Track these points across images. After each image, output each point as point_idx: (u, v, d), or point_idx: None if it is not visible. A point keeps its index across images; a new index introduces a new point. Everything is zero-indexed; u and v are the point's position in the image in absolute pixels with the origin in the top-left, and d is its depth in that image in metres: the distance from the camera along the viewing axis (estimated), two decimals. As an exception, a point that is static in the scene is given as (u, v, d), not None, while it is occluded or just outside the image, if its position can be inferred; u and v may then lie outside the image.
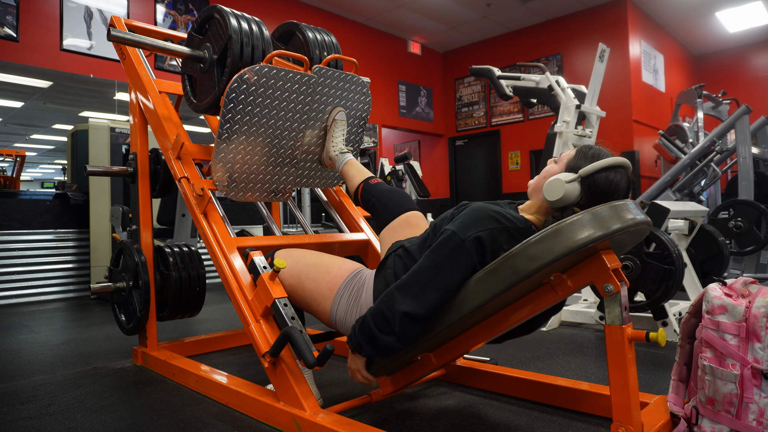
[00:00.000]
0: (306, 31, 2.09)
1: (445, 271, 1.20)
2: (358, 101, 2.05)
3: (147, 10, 5.08)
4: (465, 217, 1.24)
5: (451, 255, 1.21)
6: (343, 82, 1.97)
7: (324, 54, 2.09)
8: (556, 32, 7.24)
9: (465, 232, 1.21)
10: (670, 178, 3.88)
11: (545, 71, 3.31)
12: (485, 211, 1.24)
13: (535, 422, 1.49)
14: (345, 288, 1.47)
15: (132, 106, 2.24)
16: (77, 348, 2.52)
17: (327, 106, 1.96)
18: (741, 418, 1.15)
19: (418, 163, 6.39)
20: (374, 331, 1.25)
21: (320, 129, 1.99)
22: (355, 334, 1.31)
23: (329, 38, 2.14)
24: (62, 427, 1.52)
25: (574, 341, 2.45)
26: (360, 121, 2.09)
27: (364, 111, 2.08)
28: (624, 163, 1.23)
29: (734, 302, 1.21)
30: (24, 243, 4.12)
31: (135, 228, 2.24)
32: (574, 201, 1.22)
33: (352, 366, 1.38)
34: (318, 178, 2.13)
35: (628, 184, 1.23)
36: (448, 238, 1.22)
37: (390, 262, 1.42)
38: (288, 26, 2.16)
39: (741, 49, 8.32)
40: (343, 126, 1.98)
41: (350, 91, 2.01)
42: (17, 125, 9.29)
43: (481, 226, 1.21)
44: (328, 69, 1.91)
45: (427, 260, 1.23)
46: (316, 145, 2.01)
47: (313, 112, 1.93)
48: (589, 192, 1.21)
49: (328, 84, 1.93)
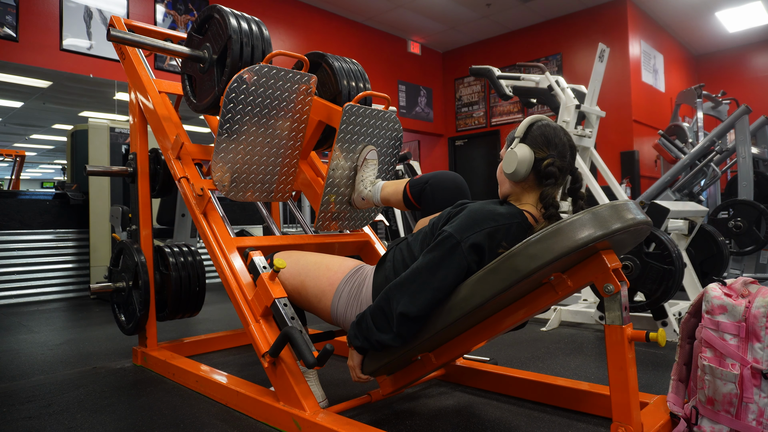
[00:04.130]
0: (332, 61, 2.03)
1: (441, 272, 1.22)
2: (389, 137, 1.96)
3: (147, 10, 5.08)
4: (462, 220, 1.26)
5: (446, 257, 1.23)
6: (375, 119, 1.89)
7: (352, 84, 2.01)
8: (556, 32, 7.24)
9: (462, 234, 1.23)
10: (670, 178, 3.88)
11: (545, 71, 3.31)
12: (481, 212, 1.26)
13: (535, 422, 1.49)
14: (346, 283, 1.48)
15: (132, 106, 2.24)
16: (77, 348, 2.52)
17: (358, 144, 1.86)
18: (741, 418, 1.15)
19: (418, 163, 6.36)
20: (371, 327, 1.28)
21: (350, 169, 1.88)
22: (352, 328, 1.34)
23: (356, 67, 2.07)
24: (62, 427, 1.52)
25: (574, 341, 2.45)
26: (393, 151, 1.99)
27: (396, 141, 1.98)
28: (542, 116, 1.36)
29: (734, 302, 1.21)
30: (24, 243, 4.12)
31: (135, 228, 2.24)
32: (531, 159, 1.28)
33: (350, 363, 1.40)
34: (348, 220, 2.00)
35: (560, 127, 1.34)
36: (445, 239, 1.24)
37: (391, 255, 1.44)
38: (314, 57, 2.07)
39: (741, 49, 8.32)
40: (375, 165, 1.87)
41: (382, 128, 1.92)
42: (17, 125, 9.29)
43: (478, 228, 1.23)
44: (359, 107, 1.82)
45: (424, 260, 1.26)
46: (345, 185, 1.90)
47: (343, 152, 1.84)
48: (536, 143, 1.29)
49: (359, 122, 1.84)
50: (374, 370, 1.39)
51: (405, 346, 1.31)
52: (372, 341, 1.29)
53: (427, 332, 1.28)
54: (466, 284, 1.21)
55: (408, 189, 1.67)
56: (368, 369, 1.39)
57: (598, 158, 3.18)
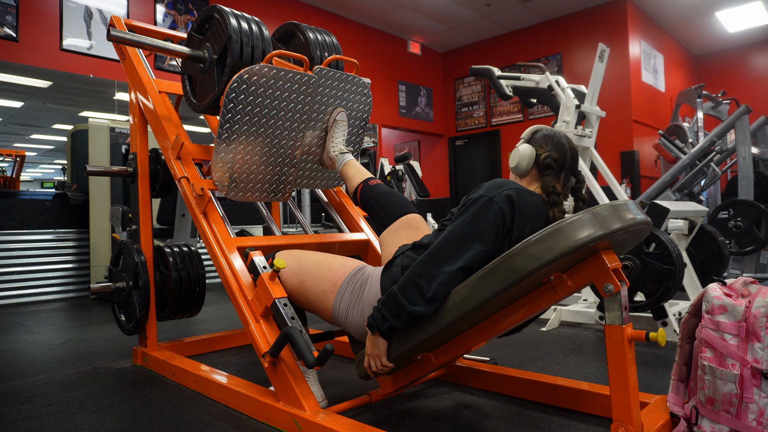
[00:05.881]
0: (306, 31, 2.09)
1: (479, 223, 1.22)
2: (358, 102, 2.05)
3: (147, 10, 5.08)
4: (488, 185, 1.29)
5: (482, 211, 1.22)
6: (344, 83, 1.98)
7: (325, 54, 2.09)
8: (556, 32, 7.24)
9: (493, 192, 1.25)
10: (670, 178, 3.88)
11: (545, 71, 3.31)
12: (503, 180, 1.32)
13: (535, 422, 1.49)
14: (348, 284, 1.47)
15: (132, 106, 2.24)
16: (77, 348, 2.52)
17: (328, 106, 1.96)
18: (741, 418, 1.15)
19: (418, 163, 6.38)
20: (401, 302, 1.23)
21: (321, 129, 1.99)
22: (376, 311, 1.28)
23: (330, 39, 2.13)
24: (62, 427, 1.52)
25: (574, 341, 2.45)
26: (361, 122, 2.09)
27: (365, 112, 2.08)
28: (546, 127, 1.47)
29: (734, 302, 1.21)
30: (24, 243, 4.12)
31: (135, 228, 2.24)
32: (533, 154, 1.39)
33: (373, 352, 1.32)
34: (318, 179, 2.13)
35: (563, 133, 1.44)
36: (475, 200, 1.25)
37: (399, 260, 1.41)
38: (288, 27, 2.16)
39: (741, 49, 8.32)
40: (344, 126, 1.98)
41: (351, 92, 2.01)
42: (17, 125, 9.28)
43: (507, 187, 1.27)
44: (329, 70, 1.91)
45: (456, 223, 1.24)
46: (317, 145, 2.01)
47: (314, 113, 1.92)
48: (539, 142, 1.40)
49: (329, 85, 1.93)
50: (402, 353, 1.32)
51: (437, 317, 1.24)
52: (403, 317, 1.23)
53: (427, 332, 1.28)
54: (466, 284, 1.21)
55: (359, 193, 1.73)
56: (395, 353, 1.32)
57: (598, 158, 3.18)
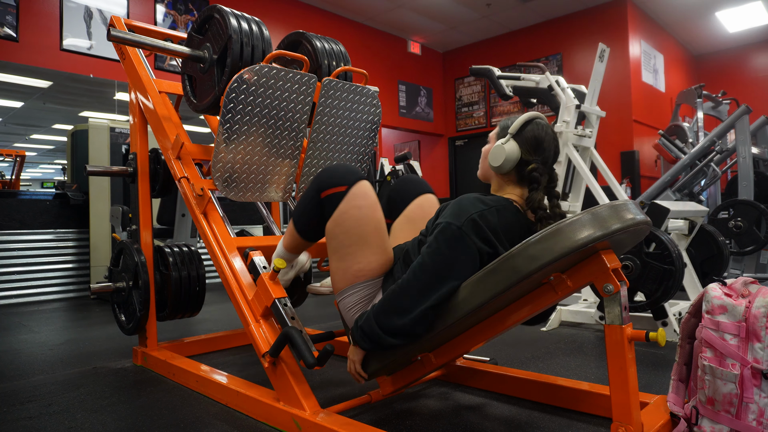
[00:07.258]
0: (313, 40, 2.07)
1: (448, 260, 1.21)
2: (368, 113, 2.05)
3: (147, 10, 5.08)
4: (452, 209, 1.26)
5: (451, 243, 1.21)
6: (353, 94, 1.98)
7: (333, 64, 2.07)
8: (556, 32, 7.23)
9: (459, 219, 1.22)
10: (670, 178, 3.88)
11: (545, 71, 3.31)
12: (468, 199, 1.28)
13: (535, 422, 1.49)
14: (366, 287, 1.41)
15: (132, 106, 2.24)
16: (77, 348, 2.52)
17: (339, 119, 1.97)
18: (741, 418, 1.15)
19: (418, 163, 6.38)
20: (377, 332, 1.25)
21: (328, 142, 1.99)
22: (357, 328, 1.30)
23: (338, 47, 2.12)
24: (62, 427, 1.52)
25: (574, 341, 2.45)
26: (371, 132, 2.09)
27: (374, 122, 2.09)
28: (538, 114, 1.39)
29: (734, 302, 1.21)
30: (24, 243, 4.12)
31: (135, 228, 2.24)
32: (518, 158, 1.33)
33: (352, 357, 1.38)
34: None
35: (551, 131, 1.38)
36: (443, 229, 1.23)
37: (397, 267, 1.41)
38: (295, 36, 2.12)
39: (741, 49, 8.32)
40: None
41: (360, 102, 2.01)
42: (17, 125, 9.29)
43: (473, 209, 1.23)
44: (337, 81, 1.91)
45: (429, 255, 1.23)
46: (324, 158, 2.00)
47: (322, 126, 1.93)
48: (526, 145, 1.34)
49: (338, 96, 1.93)
50: (373, 370, 1.38)
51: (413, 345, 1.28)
52: (380, 344, 1.26)
53: (427, 332, 1.28)
54: (465, 285, 1.21)
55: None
56: (371, 368, 1.37)
57: (598, 158, 3.18)
